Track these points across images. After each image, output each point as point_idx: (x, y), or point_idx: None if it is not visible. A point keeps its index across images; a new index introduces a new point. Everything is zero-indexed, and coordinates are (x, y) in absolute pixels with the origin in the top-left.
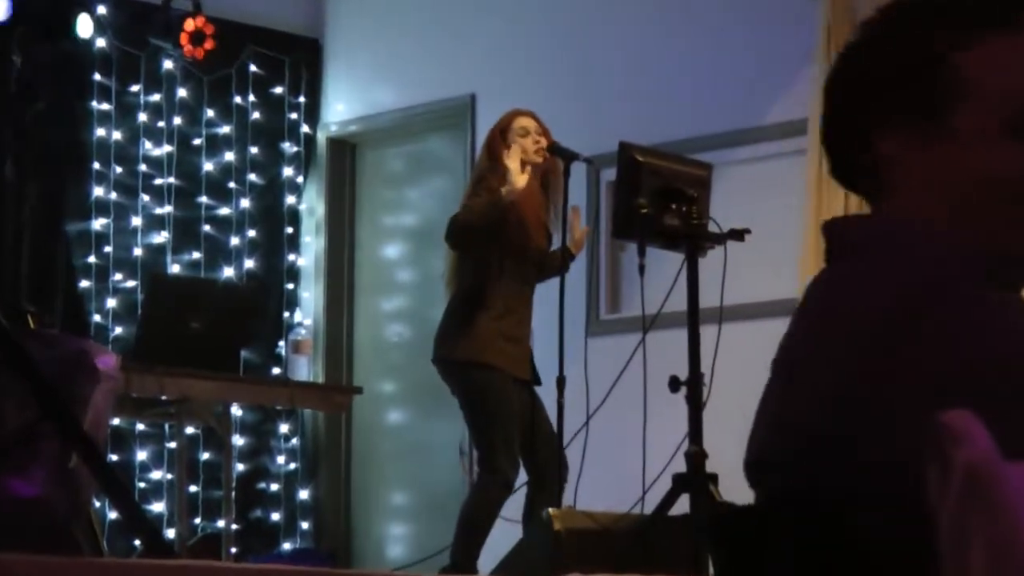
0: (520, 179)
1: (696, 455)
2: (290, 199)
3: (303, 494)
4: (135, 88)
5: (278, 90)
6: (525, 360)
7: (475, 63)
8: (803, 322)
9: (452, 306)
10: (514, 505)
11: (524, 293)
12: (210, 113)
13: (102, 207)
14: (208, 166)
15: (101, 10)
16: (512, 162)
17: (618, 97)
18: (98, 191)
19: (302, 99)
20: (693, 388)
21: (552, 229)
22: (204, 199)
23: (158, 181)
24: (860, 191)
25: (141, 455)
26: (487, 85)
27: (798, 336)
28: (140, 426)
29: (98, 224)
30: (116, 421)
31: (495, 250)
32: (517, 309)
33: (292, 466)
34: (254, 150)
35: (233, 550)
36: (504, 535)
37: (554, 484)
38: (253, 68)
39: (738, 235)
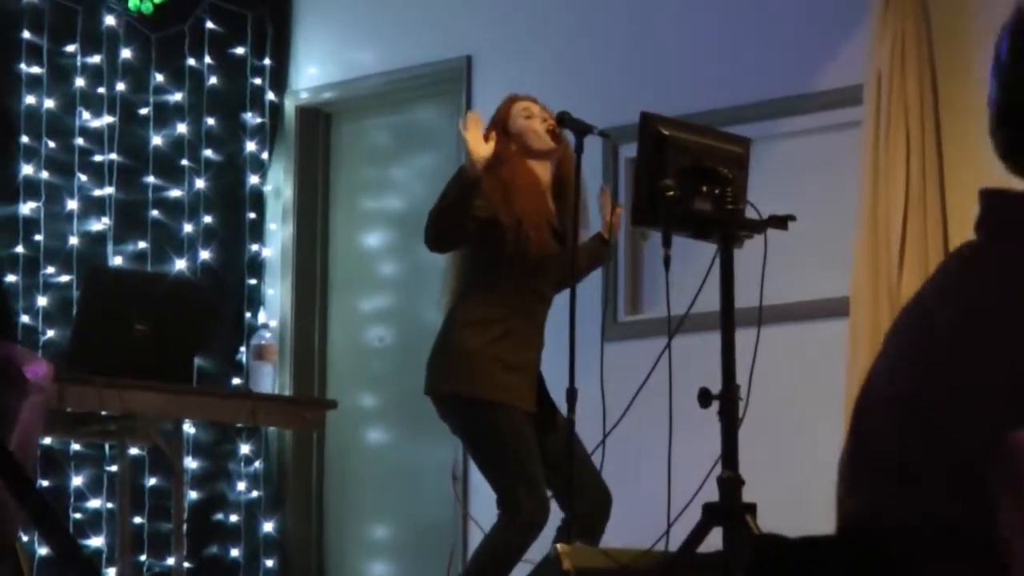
0: (481, 147)
1: (730, 481)
2: (253, 179)
3: (267, 527)
4: (71, 48)
5: (239, 51)
6: (529, 390)
7: (471, 19)
8: (957, 310)
9: (443, 327)
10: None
11: (531, 309)
12: (159, 78)
13: (31, 188)
14: (156, 140)
15: None
16: (471, 132)
17: (639, 59)
18: (27, 169)
19: (267, 61)
20: (727, 403)
21: (566, 226)
22: (151, 179)
23: (97, 158)
24: None
25: (77, 480)
26: (485, 45)
27: (948, 325)
28: (76, 446)
29: (27, 208)
30: (48, 440)
31: (489, 257)
32: (521, 329)
33: (254, 494)
34: (210, 121)
35: None
36: None
37: (601, 530)
38: (210, 24)
39: (780, 222)
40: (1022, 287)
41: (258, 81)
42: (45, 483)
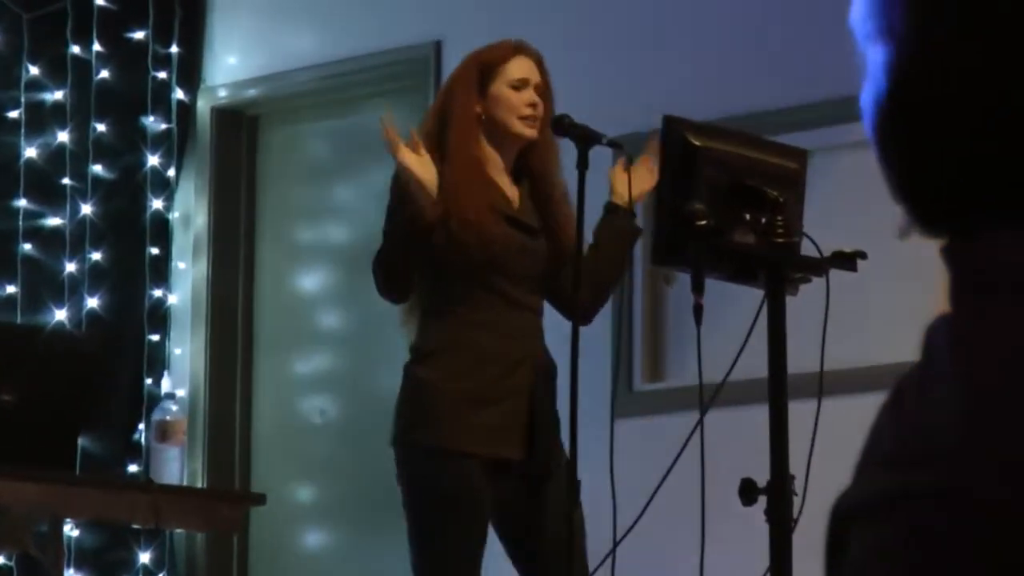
0: (406, 155)
1: None
2: (156, 203)
3: None
4: None
5: (138, 35)
6: (511, 428)
7: None
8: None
9: (408, 361)
10: None
11: (509, 323)
12: (33, 70)
13: None
14: (29, 152)
15: None
16: (416, 158)
17: (661, 47)
18: None
19: (174, 49)
20: (777, 499)
21: (545, 218)
22: (22, 203)
23: None
24: None
25: None
26: (459, 27)
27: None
28: None
29: None
30: None
31: (439, 269)
32: (498, 351)
33: None
34: (100, 127)
35: None
36: None
37: None
38: (99, 1)
39: (847, 261)
40: None
41: (162, 75)
42: None
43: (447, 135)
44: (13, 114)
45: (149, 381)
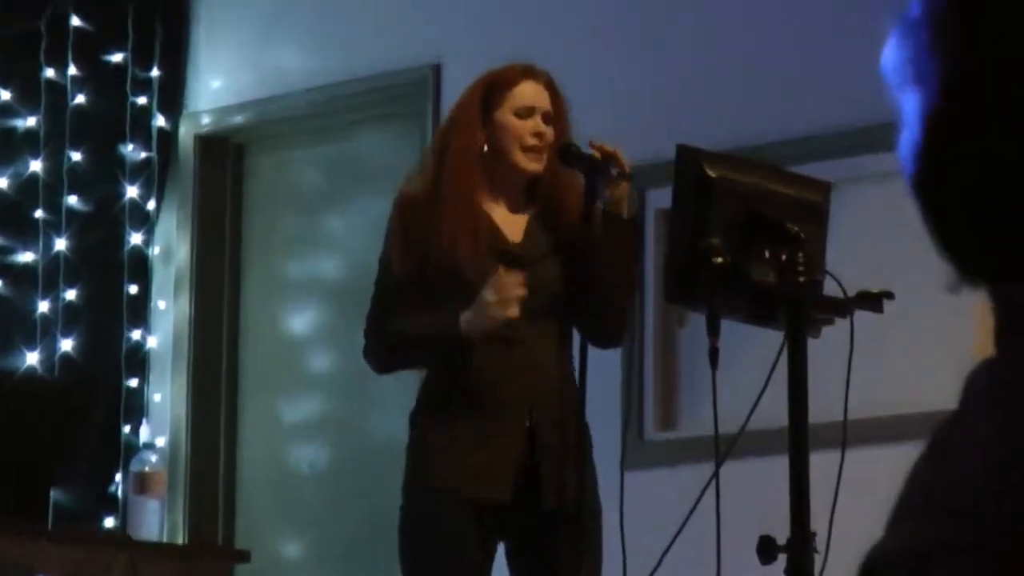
0: (503, 304)
1: None
2: (135, 237)
3: None
4: None
5: (116, 58)
6: (500, 469)
7: (440, 14)
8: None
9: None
10: None
11: (497, 366)
12: (4, 95)
13: None
14: (0, 182)
15: None
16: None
17: (673, 72)
18: None
19: (155, 72)
20: (798, 556)
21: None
22: None
23: None
24: None
25: None
26: (460, 49)
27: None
28: None
29: None
30: None
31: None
32: (486, 395)
33: None
34: (76, 156)
35: None
36: None
37: None
38: (75, 20)
39: (874, 301)
40: None
41: (142, 100)
42: None
43: (444, 161)
44: None
45: (127, 429)
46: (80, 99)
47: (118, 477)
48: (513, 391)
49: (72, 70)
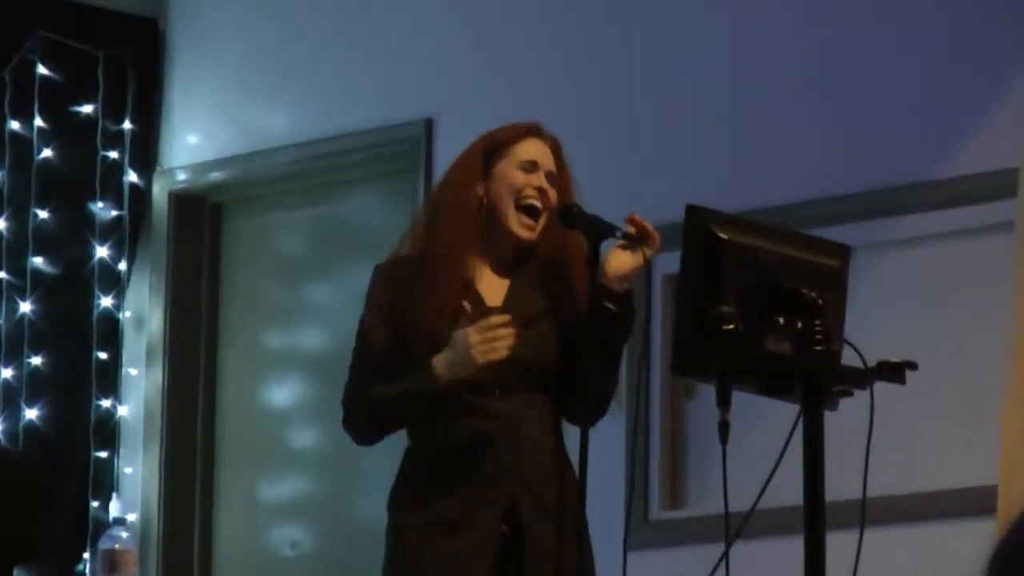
0: (488, 343)
1: None
2: (104, 301)
3: None
4: None
5: (86, 109)
6: (481, 553)
7: (434, 67)
8: None
9: None
10: None
11: (475, 442)
12: None
13: None
14: None
15: None
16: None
17: (682, 130)
18: None
19: (127, 124)
20: None
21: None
22: None
23: None
24: None
25: None
26: (454, 103)
27: None
28: None
29: None
30: None
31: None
32: (463, 473)
33: None
34: (42, 214)
35: None
36: None
37: None
38: (42, 69)
39: (895, 372)
40: None
41: (114, 155)
42: None
43: (436, 223)
44: None
45: (95, 504)
46: (47, 153)
47: (86, 555)
48: (494, 467)
49: (38, 122)
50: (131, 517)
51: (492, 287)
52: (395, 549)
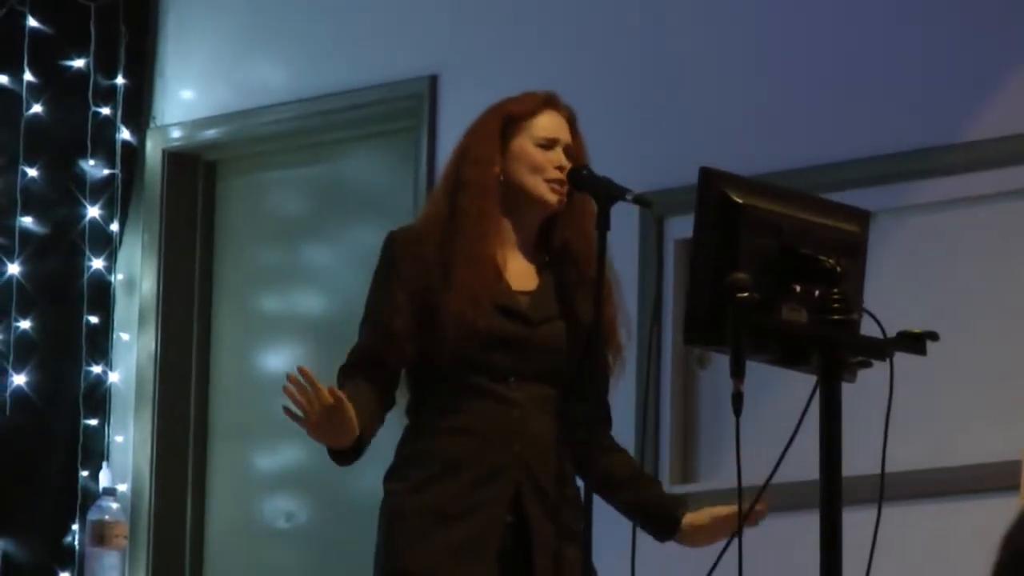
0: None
1: None
2: (95, 263)
3: None
4: None
5: (77, 63)
6: (482, 545)
7: (438, 21)
8: None
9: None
10: None
11: (494, 421)
12: None
13: None
14: None
15: None
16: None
17: (696, 86)
18: None
19: (120, 79)
20: None
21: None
22: None
23: None
24: None
25: None
26: (459, 59)
27: None
28: None
29: None
30: None
31: (422, 365)
32: (468, 460)
33: None
34: (31, 172)
35: None
36: None
37: None
38: (32, 21)
39: (916, 343)
40: None
41: (105, 111)
42: None
43: (457, 202)
44: None
45: (84, 474)
46: (36, 108)
47: (74, 527)
48: (501, 455)
49: (28, 77)
50: (121, 487)
51: (520, 275)
52: (393, 536)
